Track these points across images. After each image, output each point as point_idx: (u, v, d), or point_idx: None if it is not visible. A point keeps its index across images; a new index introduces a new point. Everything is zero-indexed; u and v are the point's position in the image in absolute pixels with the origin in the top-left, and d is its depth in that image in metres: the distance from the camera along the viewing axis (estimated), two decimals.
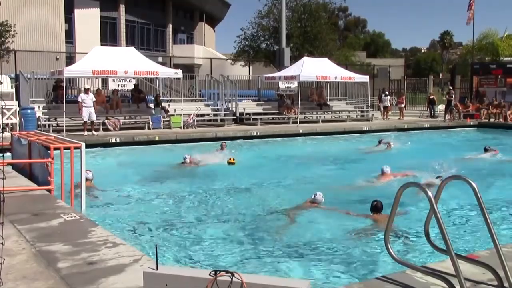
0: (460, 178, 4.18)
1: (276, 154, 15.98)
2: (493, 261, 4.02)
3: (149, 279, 3.19)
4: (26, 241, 5.11)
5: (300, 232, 7.47)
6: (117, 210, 8.72)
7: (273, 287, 2.93)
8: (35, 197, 7.23)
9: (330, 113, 25.89)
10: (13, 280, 4.06)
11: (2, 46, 22.98)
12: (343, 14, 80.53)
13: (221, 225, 7.89)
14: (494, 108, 26.35)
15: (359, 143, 18.88)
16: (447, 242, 3.61)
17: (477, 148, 15.73)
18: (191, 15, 51.80)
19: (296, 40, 30.85)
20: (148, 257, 4.66)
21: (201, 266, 5.94)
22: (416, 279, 4.08)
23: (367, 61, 51.55)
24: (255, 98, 26.08)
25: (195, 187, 10.67)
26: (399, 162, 12.92)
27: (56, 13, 33.36)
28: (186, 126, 20.31)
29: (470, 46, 37.25)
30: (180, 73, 20.56)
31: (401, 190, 4.05)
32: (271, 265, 6.10)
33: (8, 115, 17.32)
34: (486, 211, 3.92)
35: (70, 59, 28.82)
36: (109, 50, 21.53)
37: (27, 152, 9.11)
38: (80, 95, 18.66)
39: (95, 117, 18.12)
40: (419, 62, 76.68)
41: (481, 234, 6.98)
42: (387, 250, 4.20)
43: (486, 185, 10.24)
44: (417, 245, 6.61)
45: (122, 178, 11.61)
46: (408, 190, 4.05)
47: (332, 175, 12.57)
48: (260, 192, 10.36)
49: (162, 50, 45.34)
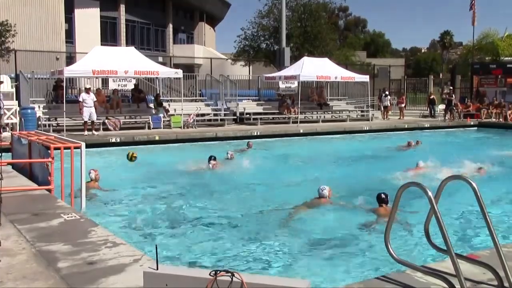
0: (460, 178, 4.18)
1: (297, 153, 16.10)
2: (493, 261, 4.02)
3: (149, 279, 3.19)
4: (26, 241, 5.11)
5: (300, 231, 7.47)
6: (117, 209, 8.72)
7: (273, 287, 2.93)
8: (35, 197, 7.23)
9: (330, 113, 25.89)
10: (13, 280, 4.06)
11: (2, 46, 22.98)
12: (343, 14, 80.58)
13: (221, 224, 7.89)
14: (494, 108, 26.36)
15: (387, 143, 18.90)
16: (447, 242, 3.61)
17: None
18: (191, 15, 51.79)
19: (296, 40, 30.85)
20: (148, 257, 4.65)
21: (201, 266, 5.94)
22: (416, 279, 4.08)
23: (367, 61, 51.52)
24: (255, 98, 26.08)
25: (195, 187, 10.67)
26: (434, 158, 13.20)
27: (56, 13, 33.37)
28: (186, 126, 20.31)
29: (470, 46, 37.26)
30: (180, 73, 20.56)
31: (401, 190, 4.05)
32: (271, 265, 6.10)
33: (8, 115, 17.33)
34: (486, 211, 3.92)
35: (70, 59, 28.83)
36: (109, 50, 21.52)
37: (27, 152, 9.11)
38: (81, 94, 18.62)
39: (95, 117, 18.12)
40: (419, 62, 76.60)
41: (481, 234, 6.99)
42: (387, 249, 4.20)
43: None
44: (417, 245, 6.61)
45: (122, 178, 11.60)
46: (408, 190, 4.04)
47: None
48: (261, 192, 10.36)
49: (162, 50, 45.34)
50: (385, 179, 10.82)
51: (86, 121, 17.84)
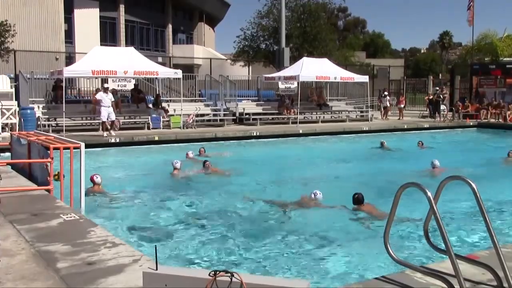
0: (459, 179, 4.17)
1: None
2: (493, 262, 4.01)
3: (148, 279, 3.18)
4: (25, 241, 5.10)
5: (299, 231, 7.46)
6: (116, 210, 8.73)
7: (272, 287, 2.92)
8: (35, 197, 7.21)
9: (330, 113, 25.88)
10: (12, 280, 4.06)
11: (2, 46, 22.95)
12: (342, 14, 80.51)
13: (221, 225, 7.88)
14: (493, 109, 26.35)
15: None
16: (447, 242, 3.61)
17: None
18: (191, 15, 51.81)
19: (296, 40, 30.84)
20: (147, 257, 4.65)
21: (201, 266, 5.94)
22: (416, 280, 4.08)
23: (367, 61, 51.56)
24: (254, 98, 26.07)
25: (195, 188, 10.67)
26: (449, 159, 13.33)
27: (56, 13, 33.36)
28: (185, 126, 20.31)
29: (470, 47, 37.22)
30: (180, 73, 20.55)
31: (401, 190, 4.04)
32: (271, 265, 6.10)
33: (7, 115, 17.31)
34: (485, 211, 3.92)
35: (69, 59, 28.82)
36: (108, 50, 21.51)
37: (26, 152, 9.10)
38: (98, 93, 18.19)
39: (114, 117, 17.82)
40: (419, 63, 76.62)
41: (480, 234, 6.99)
42: (386, 250, 4.20)
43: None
44: (416, 245, 6.61)
45: (121, 178, 11.61)
46: (408, 190, 4.04)
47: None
48: (262, 192, 10.36)
49: (162, 50, 45.35)
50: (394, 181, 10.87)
51: (104, 121, 17.47)
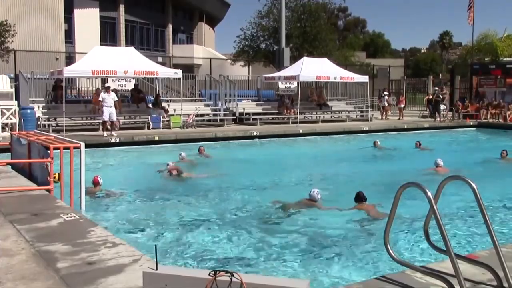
0: (459, 179, 4.17)
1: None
2: (493, 261, 4.01)
3: (148, 279, 3.18)
4: (25, 241, 5.10)
5: (299, 231, 7.47)
6: (116, 210, 8.72)
7: (272, 287, 2.92)
8: (35, 197, 7.22)
9: (330, 113, 25.88)
10: (12, 280, 4.06)
11: (2, 46, 22.96)
12: (342, 14, 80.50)
13: (221, 225, 7.88)
14: (493, 109, 26.34)
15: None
16: (447, 242, 3.61)
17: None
18: (191, 15, 51.80)
19: (296, 40, 30.84)
20: (147, 257, 4.65)
21: (201, 266, 5.94)
22: (416, 279, 4.08)
23: (367, 61, 51.55)
24: (254, 98, 26.07)
25: (195, 188, 10.66)
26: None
27: (56, 13, 33.36)
28: (185, 126, 20.30)
29: (470, 47, 37.21)
30: (180, 73, 20.55)
31: (401, 190, 4.04)
32: (271, 265, 6.10)
33: (7, 115, 17.31)
34: (485, 211, 3.92)
35: (69, 59, 28.82)
36: (108, 50, 21.50)
37: (26, 152, 9.10)
38: (100, 93, 18.17)
39: (115, 117, 17.78)
40: (419, 63, 76.60)
41: (480, 234, 6.98)
42: (386, 250, 4.19)
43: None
44: (416, 245, 6.61)
45: (122, 178, 11.61)
46: (408, 190, 4.04)
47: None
48: (261, 192, 10.36)
49: (162, 50, 45.35)
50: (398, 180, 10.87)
51: (105, 121, 17.48)
